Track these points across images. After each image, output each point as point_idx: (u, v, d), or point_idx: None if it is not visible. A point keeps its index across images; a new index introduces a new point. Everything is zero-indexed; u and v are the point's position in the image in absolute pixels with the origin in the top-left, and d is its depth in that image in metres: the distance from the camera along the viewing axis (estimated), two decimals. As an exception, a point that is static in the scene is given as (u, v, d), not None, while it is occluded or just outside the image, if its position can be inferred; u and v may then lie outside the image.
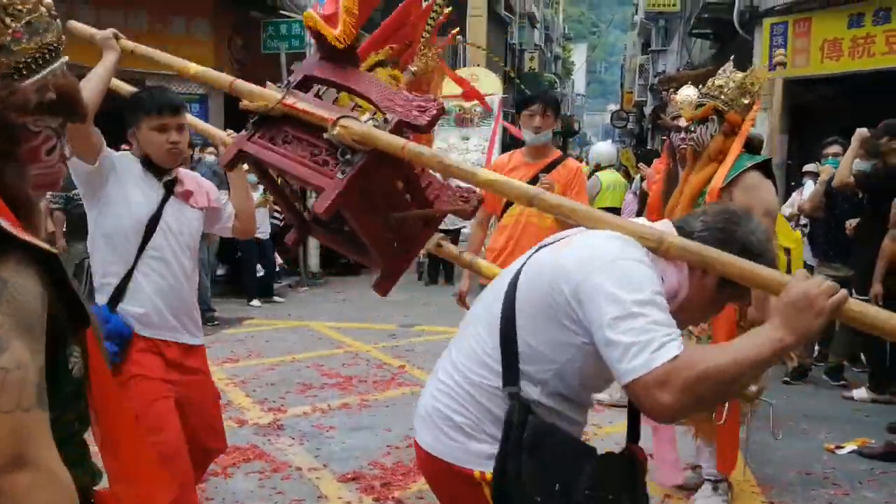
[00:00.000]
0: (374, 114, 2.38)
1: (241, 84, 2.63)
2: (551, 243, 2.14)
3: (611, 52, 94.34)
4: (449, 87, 13.09)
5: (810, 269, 7.52)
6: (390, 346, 8.19)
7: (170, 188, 3.34)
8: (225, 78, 2.72)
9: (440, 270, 12.82)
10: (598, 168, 10.03)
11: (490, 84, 12.59)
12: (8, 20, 1.42)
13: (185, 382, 3.33)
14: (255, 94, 2.56)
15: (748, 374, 1.79)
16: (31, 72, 1.44)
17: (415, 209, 2.63)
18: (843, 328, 7.16)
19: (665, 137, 6.34)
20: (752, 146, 4.28)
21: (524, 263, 2.12)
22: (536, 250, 2.15)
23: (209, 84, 2.79)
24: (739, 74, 4.23)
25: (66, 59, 1.52)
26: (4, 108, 1.39)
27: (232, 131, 3.37)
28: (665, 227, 2.13)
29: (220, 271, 11.62)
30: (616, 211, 9.61)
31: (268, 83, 2.66)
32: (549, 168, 5.09)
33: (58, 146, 1.49)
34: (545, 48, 55.38)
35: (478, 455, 2.04)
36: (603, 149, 10.86)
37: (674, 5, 24.66)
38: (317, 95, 2.61)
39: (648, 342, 1.76)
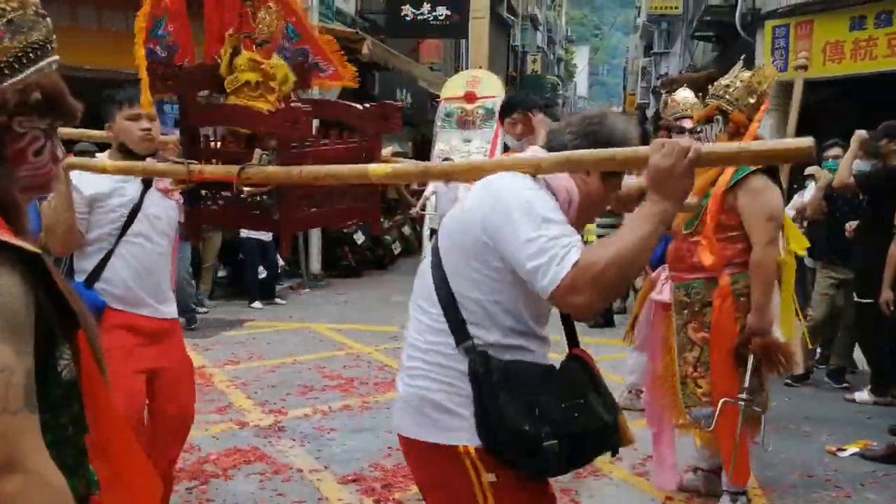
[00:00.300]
0: (271, 151, 2.67)
1: (148, 167, 3.05)
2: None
3: (613, 54, 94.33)
4: (451, 90, 13.17)
5: (812, 272, 7.51)
6: (392, 348, 8.17)
7: (148, 180, 3.50)
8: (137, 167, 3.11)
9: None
10: None
11: (492, 86, 12.55)
12: None
13: (158, 354, 3.50)
14: (160, 170, 2.97)
15: (645, 250, 1.95)
16: (13, 71, 1.40)
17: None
18: (846, 331, 7.16)
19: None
20: None
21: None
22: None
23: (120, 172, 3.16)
24: (747, 73, 4.21)
25: (55, 58, 1.48)
26: None
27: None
28: (536, 152, 2.31)
29: (221, 273, 11.62)
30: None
31: (160, 154, 3.15)
32: None
33: (47, 147, 1.47)
34: (547, 50, 55.39)
35: (459, 429, 2.11)
36: None
37: (676, 8, 24.66)
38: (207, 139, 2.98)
39: (552, 258, 1.94)
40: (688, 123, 5.73)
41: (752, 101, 4.16)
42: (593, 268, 1.90)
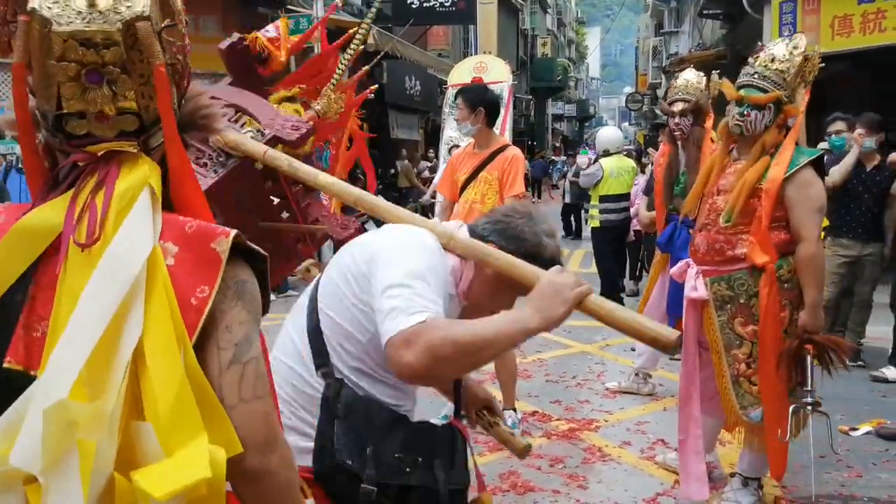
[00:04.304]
0: (257, 131, 2.66)
1: None
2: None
3: (625, 34, 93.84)
4: (458, 76, 13.12)
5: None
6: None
7: None
8: None
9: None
10: (605, 154, 9.60)
11: (499, 71, 12.49)
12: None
13: None
14: None
15: (491, 348, 1.89)
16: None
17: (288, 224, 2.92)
18: (858, 308, 7.11)
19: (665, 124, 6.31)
20: None
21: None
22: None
23: None
24: (799, 59, 3.90)
25: None
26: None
27: None
28: (459, 228, 2.29)
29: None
30: (624, 197, 9.50)
31: None
32: (492, 156, 5.37)
33: None
34: (558, 33, 55.17)
35: (303, 451, 2.05)
36: (607, 135, 10.27)
37: (684, -15, 24.48)
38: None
39: (405, 308, 1.87)
40: (678, 106, 5.67)
41: (801, 91, 3.98)
42: (433, 333, 1.82)
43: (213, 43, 3.05)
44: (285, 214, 2.92)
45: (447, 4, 19.36)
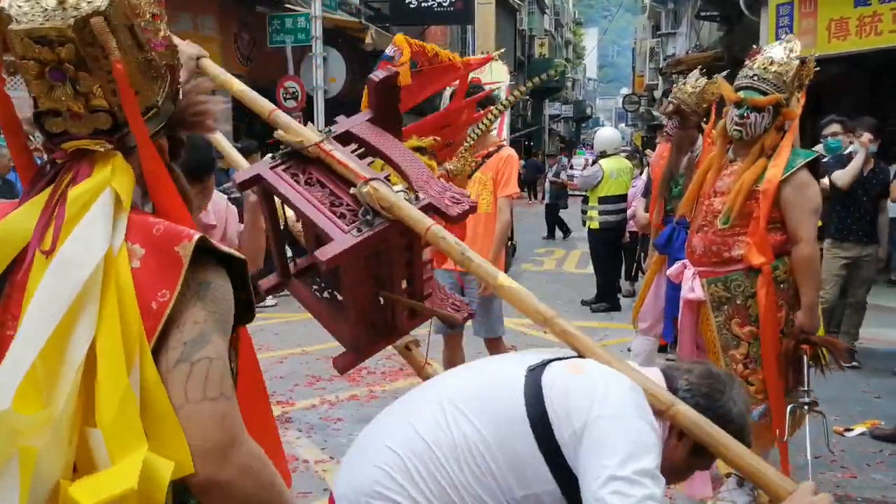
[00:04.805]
0: (407, 189, 2.32)
1: (281, 116, 2.49)
2: (561, 358, 2.04)
3: (622, 35, 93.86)
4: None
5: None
6: (400, 337, 8.17)
7: None
8: (265, 105, 2.55)
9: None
10: (603, 155, 9.60)
11: (498, 72, 12.47)
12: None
13: None
14: (292, 129, 2.42)
15: None
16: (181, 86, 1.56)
17: (407, 297, 2.58)
18: (853, 310, 7.13)
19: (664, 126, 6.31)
20: None
21: (538, 377, 1.96)
22: (548, 361, 2.01)
23: (246, 105, 2.59)
24: (796, 62, 3.93)
25: None
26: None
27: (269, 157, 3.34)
28: (655, 375, 2.06)
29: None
30: (622, 198, 9.51)
31: (309, 124, 2.61)
32: (486, 157, 5.39)
33: None
34: (555, 33, 55.20)
35: None
36: (605, 135, 10.26)
37: (682, -13, 24.51)
38: (353, 153, 2.50)
39: None
40: (666, 108, 5.66)
41: (798, 95, 3.99)
42: None
43: (211, 42, 3.01)
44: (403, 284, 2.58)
45: (445, 4, 19.35)
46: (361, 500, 1.92)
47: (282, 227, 2.74)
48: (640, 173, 10.72)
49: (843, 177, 6.65)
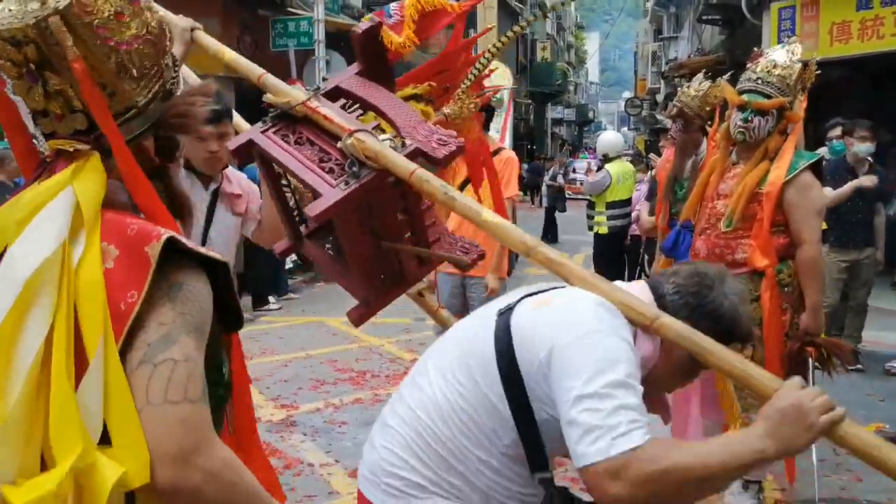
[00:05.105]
0: (395, 137, 2.30)
1: (270, 78, 2.54)
2: (532, 294, 2.01)
3: (624, 39, 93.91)
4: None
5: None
6: (404, 340, 8.20)
7: (216, 194, 3.38)
8: (255, 70, 2.60)
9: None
10: (606, 158, 9.55)
11: (500, 76, 12.53)
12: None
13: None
14: (280, 91, 2.46)
15: (719, 478, 1.69)
16: (177, 85, 1.52)
17: (411, 245, 2.57)
18: (855, 313, 7.14)
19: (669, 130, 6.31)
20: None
21: (507, 319, 1.92)
22: (517, 302, 1.97)
23: (238, 73, 2.67)
24: (798, 66, 3.95)
25: None
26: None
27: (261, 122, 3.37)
28: (639, 289, 2.02)
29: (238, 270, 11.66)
30: (627, 202, 9.48)
31: (297, 83, 2.60)
32: None
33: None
34: (557, 37, 55.18)
35: None
36: (608, 139, 10.11)
37: (684, -9, 24.52)
38: (343, 108, 2.50)
39: (612, 427, 1.62)
40: (671, 111, 5.67)
41: (800, 98, 4.00)
42: (651, 464, 1.59)
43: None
44: (407, 234, 2.57)
45: (447, 8, 19.38)
46: (378, 479, 1.96)
47: (292, 190, 2.73)
48: (645, 177, 10.71)
49: (830, 197, 6.68)
